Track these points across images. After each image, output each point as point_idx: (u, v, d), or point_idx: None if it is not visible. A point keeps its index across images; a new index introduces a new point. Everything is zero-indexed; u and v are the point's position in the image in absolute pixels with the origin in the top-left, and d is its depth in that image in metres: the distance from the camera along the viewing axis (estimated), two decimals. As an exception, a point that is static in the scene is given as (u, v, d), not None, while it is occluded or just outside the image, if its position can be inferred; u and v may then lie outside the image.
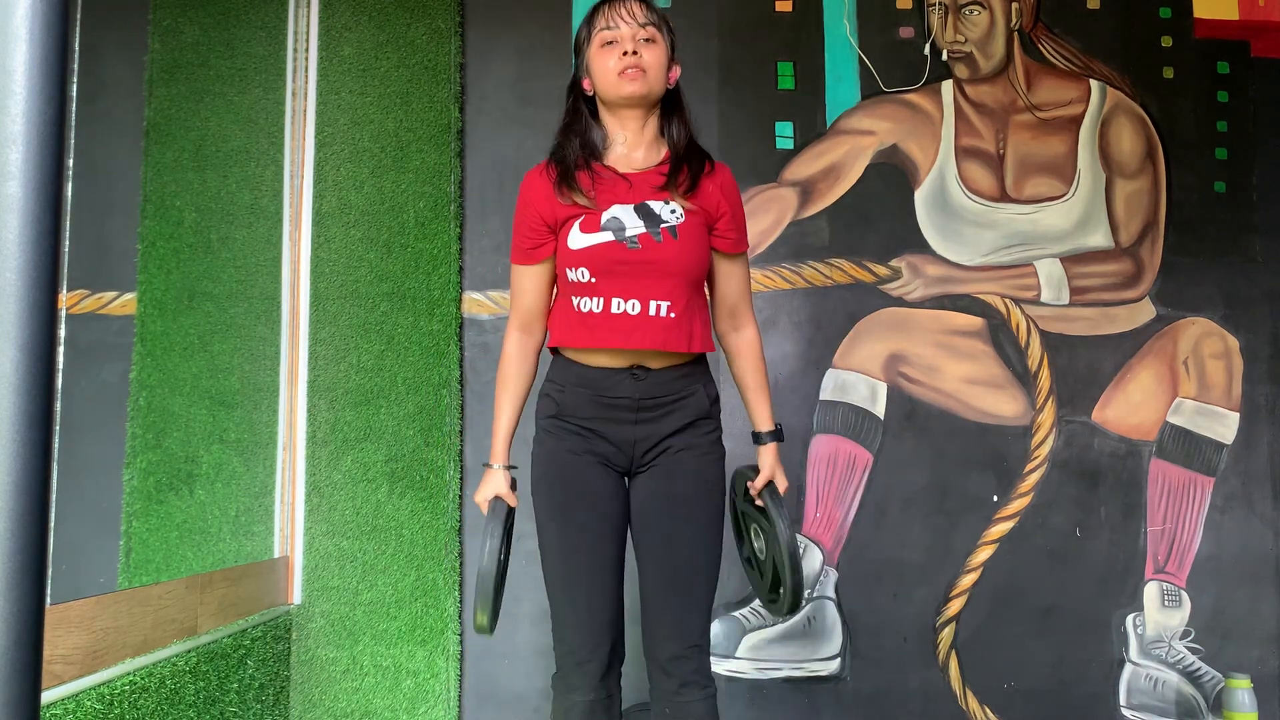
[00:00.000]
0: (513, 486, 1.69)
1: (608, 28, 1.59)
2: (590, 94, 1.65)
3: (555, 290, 1.68)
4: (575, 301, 1.59)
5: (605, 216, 1.56)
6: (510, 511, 1.66)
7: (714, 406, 1.66)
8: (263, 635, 2.17)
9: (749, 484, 1.70)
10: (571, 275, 1.58)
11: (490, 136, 2.59)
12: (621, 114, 1.62)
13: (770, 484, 1.68)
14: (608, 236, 1.55)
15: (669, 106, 1.65)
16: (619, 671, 1.63)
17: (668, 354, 1.59)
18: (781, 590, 1.65)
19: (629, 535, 1.66)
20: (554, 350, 1.67)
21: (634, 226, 1.55)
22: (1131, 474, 2.56)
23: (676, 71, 1.65)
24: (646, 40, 1.58)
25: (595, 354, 1.60)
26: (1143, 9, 2.71)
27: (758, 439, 1.71)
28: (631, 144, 1.63)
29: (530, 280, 1.66)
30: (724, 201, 1.64)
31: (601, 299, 1.56)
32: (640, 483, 1.64)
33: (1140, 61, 2.69)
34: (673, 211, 1.57)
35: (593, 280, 1.55)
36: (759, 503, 1.69)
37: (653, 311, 1.55)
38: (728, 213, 1.64)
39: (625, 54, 1.56)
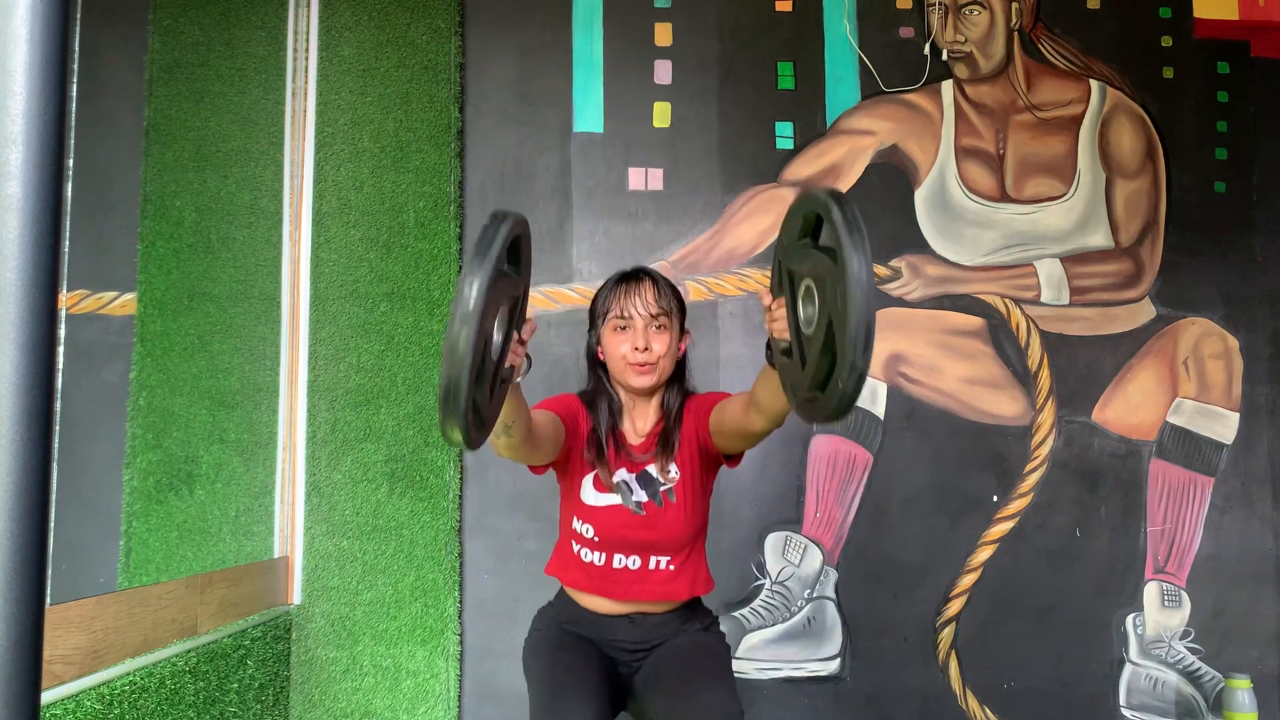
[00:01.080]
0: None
1: (621, 315, 1.63)
2: (603, 360, 1.70)
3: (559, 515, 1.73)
4: (577, 549, 1.66)
5: (615, 479, 1.63)
6: (524, 233, 1.20)
7: (712, 626, 1.71)
8: (263, 635, 2.17)
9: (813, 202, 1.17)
10: (578, 526, 1.65)
11: (490, 136, 2.59)
12: (630, 391, 1.69)
13: (842, 201, 1.09)
14: (616, 500, 1.63)
15: (672, 375, 1.70)
16: None
17: (668, 602, 1.66)
18: (834, 377, 1.07)
19: (639, 706, 1.66)
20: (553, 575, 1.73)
21: (638, 494, 1.63)
22: (1131, 474, 2.56)
23: (686, 342, 1.71)
24: (658, 328, 1.63)
25: (595, 599, 1.67)
26: (1143, 9, 2.71)
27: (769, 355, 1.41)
28: (638, 414, 1.71)
29: (543, 415, 1.57)
30: (696, 419, 1.65)
31: (603, 554, 1.63)
32: (645, 666, 1.66)
33: (1140, 61, 2.69)
34: (668, 473, 1.64)
35: (597, 539, 1.63)
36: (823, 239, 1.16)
37: (652, 566, 1.63)
38: (704, 424, 1.64)
39: (637, 348, 1.61)
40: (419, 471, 2.43)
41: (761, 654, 2.48)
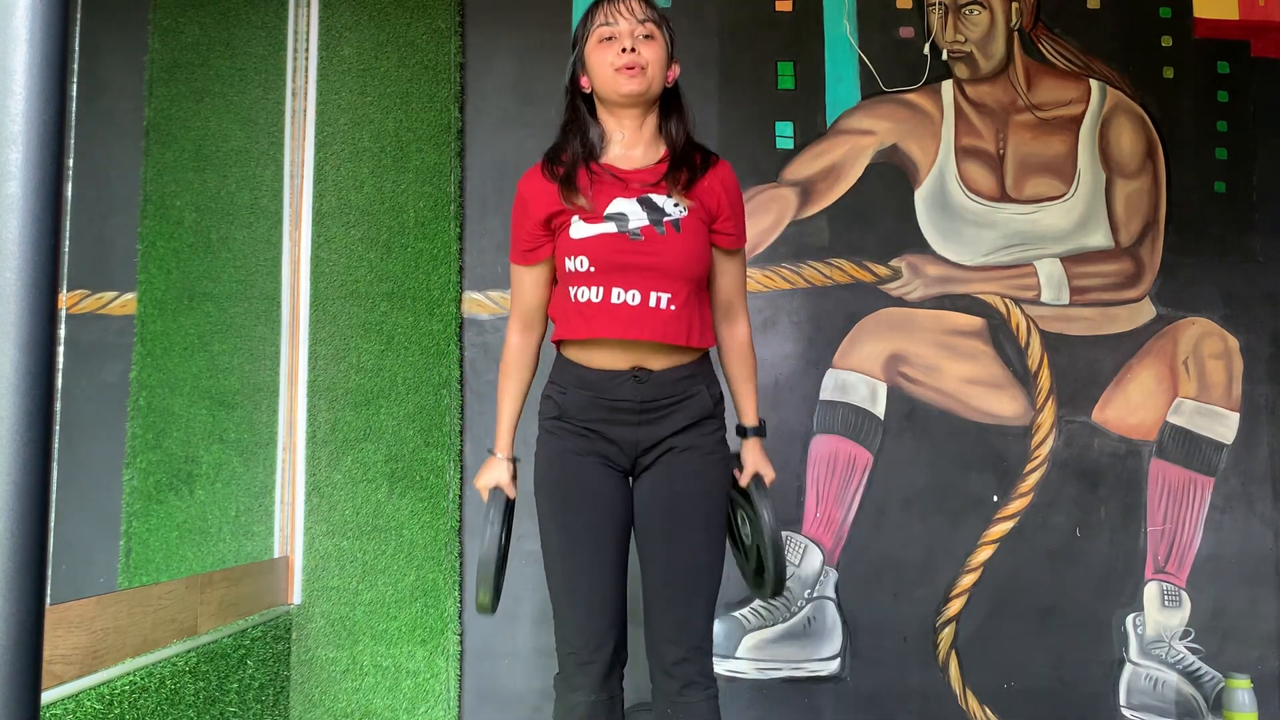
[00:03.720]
0: (514, 478, 1.72)
1: (606, 23, 1.57)
2: (588, 92, 1.63)
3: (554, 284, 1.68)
4: (573, 292, 1.57)
5: (608, 210, 1.55)
6: (509, 502, 1.70)
7: (718, 406, 1.65)
8: (263, 635, 2.17)
9: (736, 475, 1.71)
10: (570, 264, 1.56)
11: (490, 136, 2.59)
12: (619, 112, 1.61)
13: (757, 475, 1.69)
14: (610, 228, 1.54)
15: (667, 105, 1.63)
16: (621, 673, 1.63)
17: (669, 352, 1.57)
18: (765, 576, 1.69)
19: (632, 536, 1.65)
20: (557, 346, 1.66)
21: (637, 219, 1.55)
22: (1131, 474, 2.56)
23: (675, 70, 1.63)
24: (645, 36, 1.57)
25: (595, 354, 1.58)
26: (1143, 9, 2.71)
27: (742, 433, 1.73)
28: (629, 142, 1.62)
29: (529, 279, 1.66)
30: (724, 198, 1.62)
31: (600, 288, 1.54)
32: (643, 482, 1.63)
33: (1140, 61, 2.69)
34: (675, 205, 1.57)
35: (592, 270, 1.54)
36: (745, 489, 1.71)
37: (653, 303, 1.53)
38: (727, 209, 1.63)
39: (624, 50, 1.54)
40: (419, 471, 2.43)
41: (761, 654, 2.48)
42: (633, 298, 1.53)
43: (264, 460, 2.45)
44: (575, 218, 1.56)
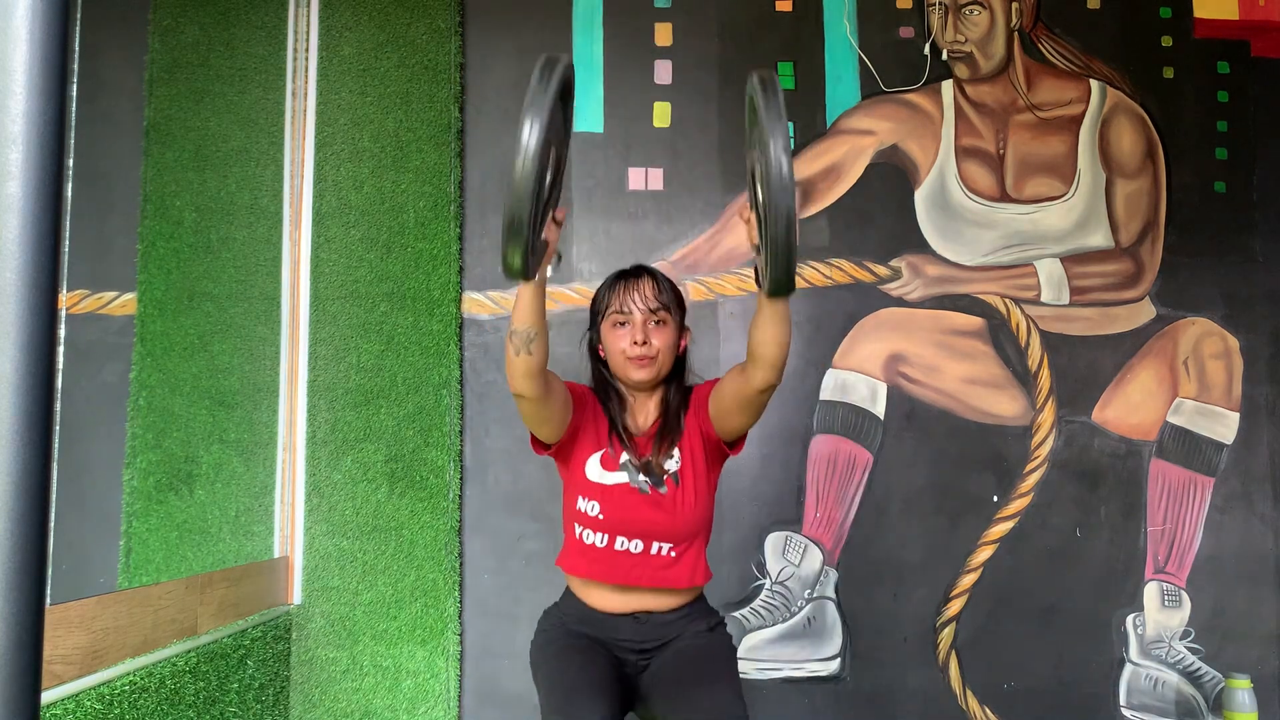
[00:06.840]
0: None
1: (620, 310, 1.65)
2: (604, 357, 1.72)
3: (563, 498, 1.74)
4: (579, 531, 1.65)
5: (622, 459, 1.65)
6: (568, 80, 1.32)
7: (717, 627, 1.70)
8: (263, 635, 2.17)
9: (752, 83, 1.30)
10: (581, 504, 1.64)
11: (490, 136, 2.59)
12: (629, 387, 1.71)
13: (766, 87, 1.27)
14: (623, 478, 1.63)
15: (672, 372, 1.71)
16: None
17: (668, 594, 1.65)
18: (773, 258, 1.28)
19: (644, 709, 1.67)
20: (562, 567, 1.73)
21: (643, 479, 1.65)
22: (1131, 474, 2.56)
23: (686, 340, 1.72)
24: (657, 323, 1.65)
25: (596, 593, 1.66)
26: (1143, 9, 2.71)
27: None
28: (637, 408, 1.72)
29: (555, 379, 1.64)
30: (699, 423, 1.67)
31: (606, 535, 1.63)
32: (648, 674, 1.65)
33: (1140, 61, 2.69)
34: (669, 463, 1.65)
35: (601, 517, 1.62)
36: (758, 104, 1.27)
37: (654, 551, 1.62)
38: (708, 420, 1.66)
39: (636, 342, 1.63)
40: (419, 471, 2.43)
41: (761, 654, 2.48)
42: (635, 546, 1.62)
43: (264, 460, 2.45)
44: (595, 456, 1.65)
